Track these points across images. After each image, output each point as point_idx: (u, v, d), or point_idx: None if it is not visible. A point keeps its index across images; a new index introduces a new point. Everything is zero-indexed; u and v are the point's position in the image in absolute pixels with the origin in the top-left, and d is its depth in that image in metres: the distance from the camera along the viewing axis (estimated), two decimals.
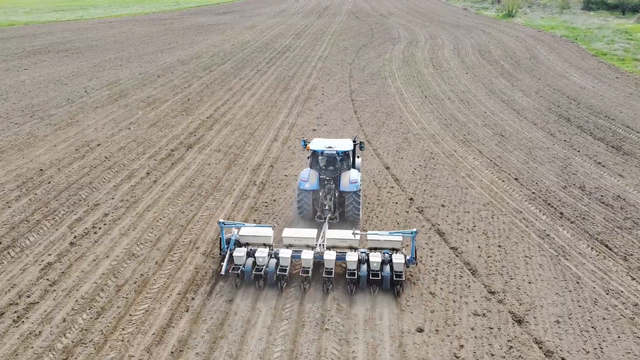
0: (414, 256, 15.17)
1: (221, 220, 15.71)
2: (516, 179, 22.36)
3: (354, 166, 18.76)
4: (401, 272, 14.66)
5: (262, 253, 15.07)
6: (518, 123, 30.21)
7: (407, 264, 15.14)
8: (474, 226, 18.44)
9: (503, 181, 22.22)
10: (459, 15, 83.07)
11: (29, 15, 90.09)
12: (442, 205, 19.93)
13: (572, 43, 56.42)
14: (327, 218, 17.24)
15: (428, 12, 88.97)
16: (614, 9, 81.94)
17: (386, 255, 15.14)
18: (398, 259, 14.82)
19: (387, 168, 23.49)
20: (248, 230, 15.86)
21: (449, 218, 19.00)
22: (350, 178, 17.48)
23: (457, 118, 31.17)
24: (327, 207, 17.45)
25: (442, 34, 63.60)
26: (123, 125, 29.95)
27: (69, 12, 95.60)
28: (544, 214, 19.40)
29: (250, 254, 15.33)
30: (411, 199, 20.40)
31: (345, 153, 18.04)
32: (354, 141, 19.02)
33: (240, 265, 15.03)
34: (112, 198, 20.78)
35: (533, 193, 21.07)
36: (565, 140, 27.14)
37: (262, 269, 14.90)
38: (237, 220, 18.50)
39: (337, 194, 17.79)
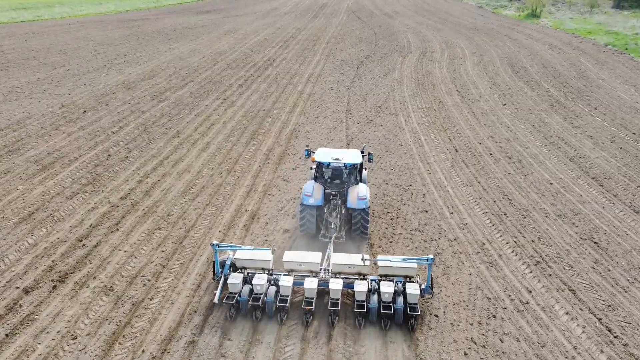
0: (430, 285, 13.42)
1: (215, 242, 13.80)
2: None
3: (361, 180, 17.21)
4: (416, 304, 12.88)
5: (260, 280, 13.44)
6: (609, 209, 19.08)
7: (422, 294, 13.29)
8: None
9: None
10: (474, 15, 71.80)
11: None
12: None
13: (622, 54, 45.50)
14: (333, 237, 15.75)
15: (438, 10, 77.54)
16: None
17: (399, 284, 13.43)
18: (412, 289, 13.13)
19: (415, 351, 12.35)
20: (245, 254, 14.09)
21: None
22: (359, 194, 16.21)
23: (512, 198, 19.97)
24: (332, 225, 16.16)
25: (459, 40, 52.45)
26: None
27: (31, 10, 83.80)
28: None
29: (247, 281, 13.63)
30: None
31: (354, 166, 16.80)
32: (362, 152, 17.68)
33: (236, 293, 13.22)
34: None
35: None
36: None
37: (261, 298, 13.13)
38: None
39: (343, 211, 16.45)
